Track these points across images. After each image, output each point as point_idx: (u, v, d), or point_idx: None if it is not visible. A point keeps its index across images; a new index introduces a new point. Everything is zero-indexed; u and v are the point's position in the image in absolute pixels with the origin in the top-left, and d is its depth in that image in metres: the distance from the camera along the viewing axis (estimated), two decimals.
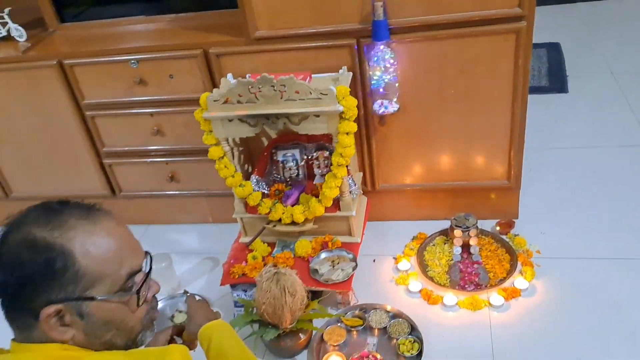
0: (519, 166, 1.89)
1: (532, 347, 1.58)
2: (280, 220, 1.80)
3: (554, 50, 3.08)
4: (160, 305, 1.87)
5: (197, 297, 1.71)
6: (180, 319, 1.77)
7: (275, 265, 1.75)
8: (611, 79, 2.77)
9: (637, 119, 2.46)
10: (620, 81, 2.74)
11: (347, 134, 1.63)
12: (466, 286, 1.77)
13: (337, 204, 1.79)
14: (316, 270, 1.74)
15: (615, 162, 2.22)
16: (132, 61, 1.90)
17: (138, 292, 0.85)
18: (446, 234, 1.96)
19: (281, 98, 1.62)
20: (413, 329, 1.64)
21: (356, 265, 1.74)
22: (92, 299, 0.80)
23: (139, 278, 0.86)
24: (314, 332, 1.65)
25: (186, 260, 2.08)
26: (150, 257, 0.90)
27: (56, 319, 0.78)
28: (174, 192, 2.18)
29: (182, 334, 1.25)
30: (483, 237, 1.93)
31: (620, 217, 1.95)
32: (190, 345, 1.19)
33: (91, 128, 2.08)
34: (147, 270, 0.89)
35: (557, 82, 2.81)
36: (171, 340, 1.23)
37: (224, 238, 2.12)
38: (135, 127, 2.05)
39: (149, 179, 2.17)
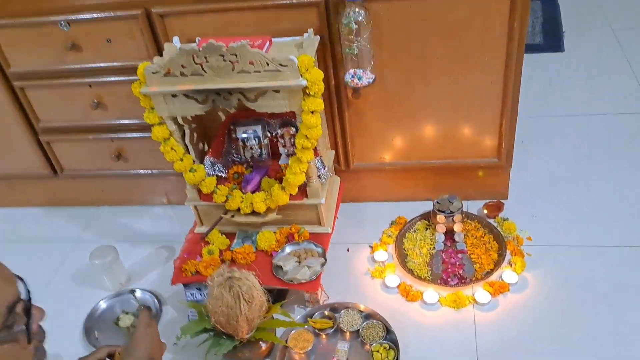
0: (511, 142, 1.67)
1: (520, 349, 1.41)
2: (239, 209, 1.57)
3: (549, 3, 2.79)
4: (104, 305, 1.67)
5: (152, 306, 1.50)
6: (126, 322, 1.57)
7: (232, 262, 1.54)
8: (611, 35, 2.52)
9: (638, 81, 2.23)
10: (620, 38, 2.49)
11: (312, 112, 1.39)
12: (449, 280, 1.58)
13: (304, 189, 1.57)
14: (280, 267, 1.53)
15: (615, 131, 2.01)
16: (62, 22, 1.61)
17: (27, 325, 0.74)
18: (428, 217, 1.76)
19: (233, 70, 1.36)
20: (389, 332, 1.45)
21: (325, 261, 1.53)
22: None
23: (19, 309, 0.74)
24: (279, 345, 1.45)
25: (138, 248, 1.86)
26: (24, 282, 0.77)
27: None
28: (122, 172, 1.94)
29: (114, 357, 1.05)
30: (469, 221, 1.73)
31: (622, 196, 1.75)
32: None
33: (22, 101, 1.80)
34: (27, 297, 0.77)
35: (552, 39, 2.55)
36: None
37: (180, 222, 1.92)
38: (72, 100, 1.77)
39: (94, 157, 1.91)
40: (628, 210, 1.70)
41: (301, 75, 1.34)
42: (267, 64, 1.34)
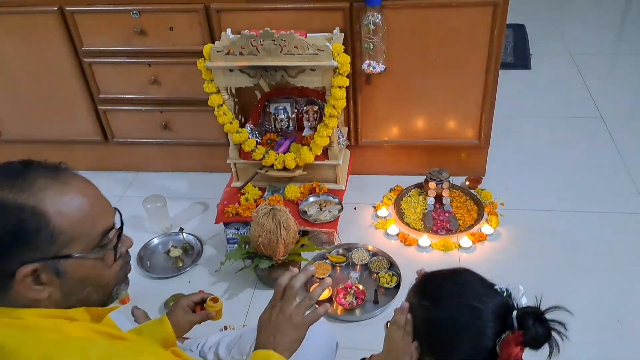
0: (489, 127, 2.11)
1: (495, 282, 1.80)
2: (272, 166, 1.95)
3: (519, 31, 3.31)
4: (156, 240, 2.01)
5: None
6: (175, 252, 1.90)
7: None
8: (569, 58, 3.04)
9: (590, 93, 2.73)
10: (577, 61, 3.00)
11: (340, 87, 1.79)
12: (439, 231, 1.98)
13: (325, 153, 1.96)
14: (305, 212, 1.90)
15: (570, 131, 2.48)
16: (134, 12, 1.98)
17: (115, 247, 0.86)
18: (421, 187, 2.17)
19: (281, 52, 1.76)
20: (392, 265, 1.84)
21: (342, 207, 1.92)
22: (69, 256, 0.79)
23: (112, 234, 0.86)
24: (302, 264, 1.82)
25: (177, 204, 2.20)
26: (120, 213, 0.90)
27: (32, 278, 0.77)
28: (166, 140, 2.29)
29: (204, 304, 1.28)
30: (454, 190, 2.14)
31: (574, 177, 2.20)
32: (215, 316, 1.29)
33: (87, 75, 2.15)
34: (120, 226, 0.88)
35: (521, 59, 3.05)
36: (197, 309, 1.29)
37: (213, 185, 2.26)
38: (132, 76, 2.14)
39: (143, 126, 2.26)
40: (578, 184, 2.15)
41: (333, 58, 1.75)
42: (308, 48, 1.74)
